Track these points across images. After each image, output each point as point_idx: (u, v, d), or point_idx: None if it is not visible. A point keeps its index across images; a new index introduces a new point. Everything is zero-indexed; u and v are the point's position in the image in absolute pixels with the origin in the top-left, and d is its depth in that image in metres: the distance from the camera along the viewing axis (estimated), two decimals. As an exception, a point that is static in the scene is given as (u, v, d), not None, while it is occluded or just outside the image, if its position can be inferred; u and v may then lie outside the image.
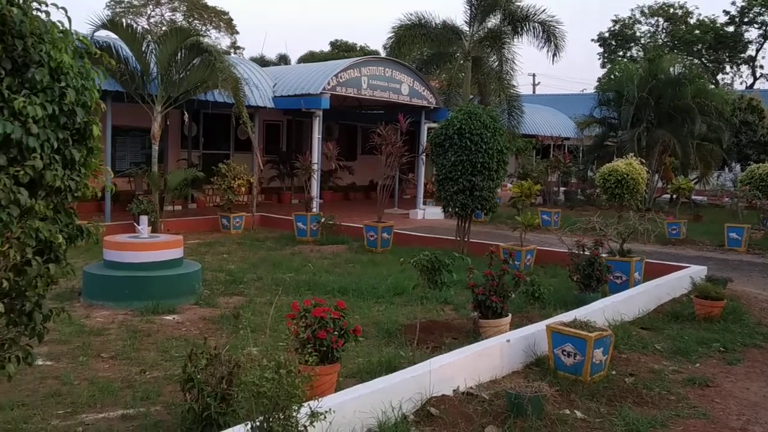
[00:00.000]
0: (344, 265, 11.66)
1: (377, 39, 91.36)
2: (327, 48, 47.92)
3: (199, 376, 4.42)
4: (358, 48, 46.66)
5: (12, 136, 3.09)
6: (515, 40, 21.43)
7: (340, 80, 17.29)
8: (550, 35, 20.87)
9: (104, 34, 14.86)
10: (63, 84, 3.32)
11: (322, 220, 14.52)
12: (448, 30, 21.20)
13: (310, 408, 3.40)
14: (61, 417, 4.85)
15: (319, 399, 3.58)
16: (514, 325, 7.22)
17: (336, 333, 5.18)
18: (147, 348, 6.60)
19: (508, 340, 6.25)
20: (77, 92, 3.37)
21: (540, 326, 6.61)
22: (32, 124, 3.16)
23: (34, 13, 3.33)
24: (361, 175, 24.69)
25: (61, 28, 3.47)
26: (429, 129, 19.38)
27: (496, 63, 21.74)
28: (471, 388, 5.61)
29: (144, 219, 9.14)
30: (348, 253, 13.04)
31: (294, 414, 3.28)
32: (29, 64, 3.23)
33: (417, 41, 21.82)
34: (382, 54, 24.52)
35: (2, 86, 3.12)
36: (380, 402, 4.74)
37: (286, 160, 21.84)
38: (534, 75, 60.98)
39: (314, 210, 15.44)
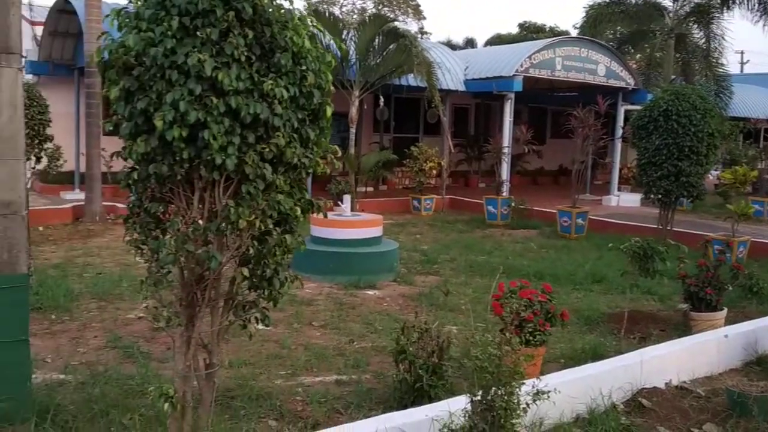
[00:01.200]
0: (537, 250, 11.49)
1: (567, 19, 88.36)
2: (515, 30, 47.06)
3: (411, 349, 4.59)
4: (547, 29, 45.33)
5: (260, 116, 3.37)
6: (725, 14, 19.75)
7: (533, 62, 16.94)
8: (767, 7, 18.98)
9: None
10: (303, 67, 3.56)
11: (513, 204, 14.38)
12: (649, 6, 20.01)
13: (534, 386, 3.41)
14: (282, 377, 5.25)
15: (540, 378, 3.56)
16: (729, 321, 6.73)
17: (542, 316, 5.13)
18: (353, 320, 6.96)
19: (726, 336, 5.84)
20: (315, 75, 3.60)
21: (762, 322, 6.11)
22: (277, 105, 3.41)
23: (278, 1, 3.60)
24: (550, 160, 24.10)
25: (298, 15, 3.72)
26: (627, 111, 18.46)
27: (703, 40, 20.18)
28: (684, 382, 5.31)
29: (347, 198, 9.60)
30: (540, 238, 12.83)
31: (516, 391, 3.30)
32: (275, 49, 3.49)
33: (613, 19, 20.81)
34: (573, 34, 23.67)
35: (253, 70, 3.41)
36: (589, 388, 4.64)
37: (474, 143, 21.86)
38: (742, 52, 55.76)
39: (504, 194, 15.32)
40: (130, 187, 3.62)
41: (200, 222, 3.49)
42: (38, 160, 9.97)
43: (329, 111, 3.78)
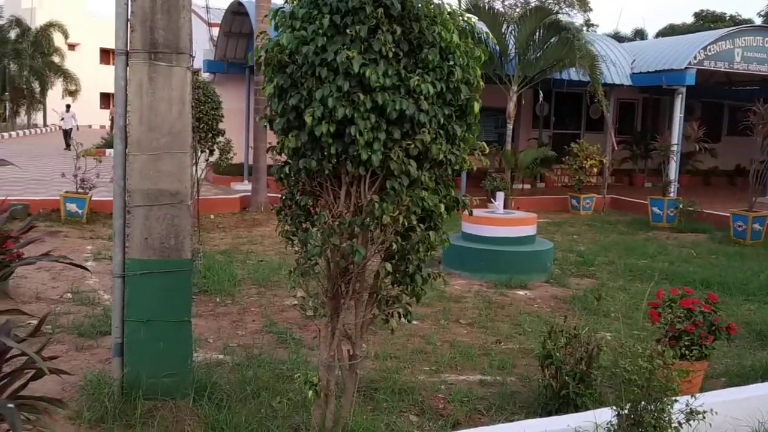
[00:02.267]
0: (706, 255, 10.69)
1: (750, 6, 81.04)
2: (689, 20, 44.08)
3: (557, 354, 4.42)
4: (727, 17, 42.04)
5: (406, 112, 3.37)
6: None
7: (708, 53, 15.73)
8: None
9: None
10: (451, 63, 3.52)
11: (681, 205, 13.47)
12: None
13: (688, 404, 3.16)
14: (426, 373, 5.26)
15: (695, 396, 3.29)
16: None
17: (705, 328, 4.75)
18: (501, 319, 6.83)
19: None
20: (463, 70, 3.55)
21: None
22: (423, 101, 3.40)
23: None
24: (726, 159, 22.30)
25: (449, 9, 3.68)
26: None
27: None
28: None
29: (500, 195, 9.45)
30: (710, 243, 11.93)
31: (667, 408, 3.07)
32: (423, 45, 3.48)
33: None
34: (757, 23, 21.70)
35: (400, 66, 3.42)
36: (757, 411, 4.23)
37: (640, 140, 20.72)
38: None
39: (672, 194, 14.40)
40: (282, 180, 3.78)
41: (346, 216, 3.56)
42: (211, 152, 10.68)
43: (477, 107, 3.71)
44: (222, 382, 4.71)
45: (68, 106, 30.42)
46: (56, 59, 43.22)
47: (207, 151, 10.52)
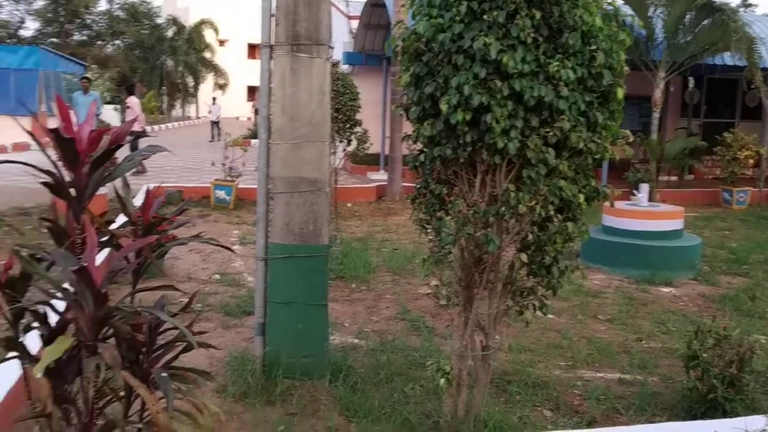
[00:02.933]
0: None
1: None
2: None
3: (704, 356, 4.16)
4: None
5: (545, 99, 3.28)
6: None
7: None
8: None
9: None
10: (593, 47, 3.38)
11: None
12: None
13: None
14: (561, 368, 5.12)
15: None
16: None
17: None
18: (642, 317, 6.52)
19: None
20: (606, 55, 3.40)
21: None
22: (563, 87, 3.30)
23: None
24: None
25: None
26: None
27: None
28: None
29: (645, 187, 9.02)
30: None
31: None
32: (563, 29, 3.37)
33: None
34: None
35: (539, 52, 3.33)
36: None
37: (804, 129, 19.01)
38: None
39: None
40: (416, 168, 3.80)
41: (481, 205, 3.52)
42: (349, 142, 10.95)
43: (621, 93, 3.54)
44: (356, 366, 4.83)
45: (214, 99, 32.05)
46: (207, 55, 45.86)
47: (345, 140, 10.80)
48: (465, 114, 3.28)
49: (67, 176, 2.20)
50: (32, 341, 2.23)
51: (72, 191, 2.20)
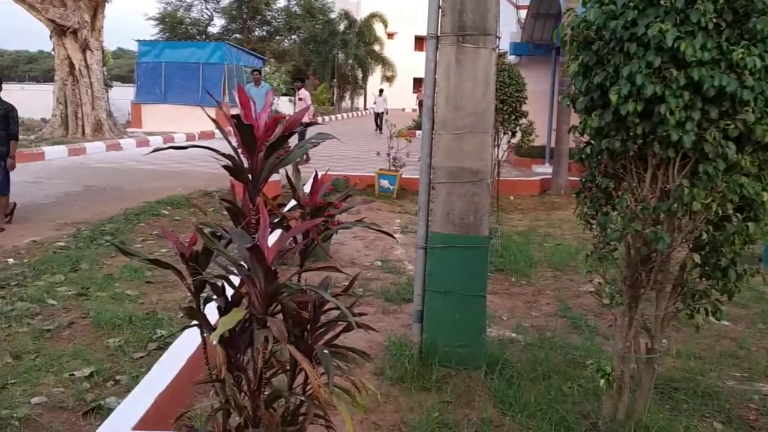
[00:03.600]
0: None
1: None
2: None
3: None
4: None
5: (726, 89, 3.06)
6: None
7: None
8: None
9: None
10: (785, 32, 3.10)
11: None
12: None
13: None
14: (736, 379, 4.77)
15: None
16: None
17: None
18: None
19: None
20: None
21: None
22: (748, 76, 3.05)
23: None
24: None
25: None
26: None
27: None
28: None
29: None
30: None
31: None
32: (750, 13, 3.11)
33: None
34: None
35: (721, 38, 3.10)
36: None
37: None
38: None
39: None
40: (582, 161, 3.69)
41: (651, 201, 3.36)
42: (513, 134, 10.81)
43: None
44: (513, 360, 4.78)
45: (381, 91, 32.40)
46: (376, 47, 47.07)
47: (509, 132, 10.67)
48: (636, 105, 3.13)
49: (245, 162, 2.36)
50: (211, 312, 2.43)
51: (249, 176, 2.36)
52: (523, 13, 18.66)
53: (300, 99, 16.93)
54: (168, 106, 26.23)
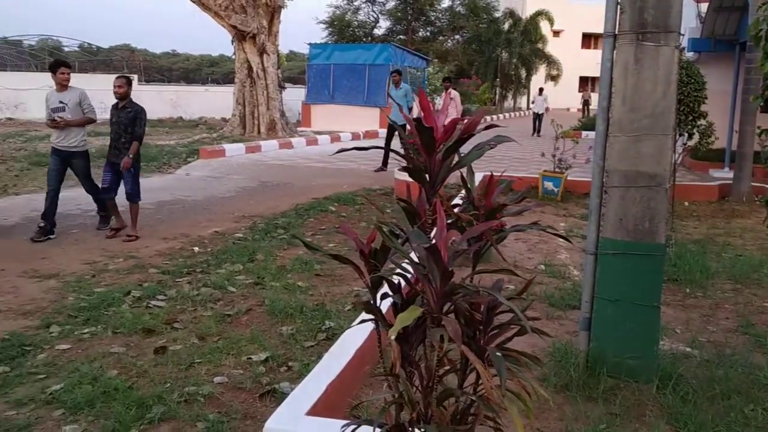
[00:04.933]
0: None
1: None
2: None
3: None
4: None
5: None
6: None
7: None
8: None
9: None
10: None
11: None
12: None
13: None
14: None
15: None
16: None
17: None
18: None
19: None
20: None
21: None
22: None
23: None
24: None
25: None
26: None
27: None
28: None
29: None
30: None
31: None
32: None
33: None
34: None
35: None
36: None
37: None
38: None
39: None
40: (778, 166, 3.40)
41: None
42: (690, 136, 10.17)
43: None
44: (687, 376, 4.51)
45: (541, 90, 30.79)
46: (541, 46, 46.11)
47: (686, 134, 10.05)
48: None
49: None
50: (384, 308, 2.51)
51: (426, 176, 2.41)
52: (704, 6, 17.47)
53: (450, 99, 16.93)
54: (335, 106, 27.30)
